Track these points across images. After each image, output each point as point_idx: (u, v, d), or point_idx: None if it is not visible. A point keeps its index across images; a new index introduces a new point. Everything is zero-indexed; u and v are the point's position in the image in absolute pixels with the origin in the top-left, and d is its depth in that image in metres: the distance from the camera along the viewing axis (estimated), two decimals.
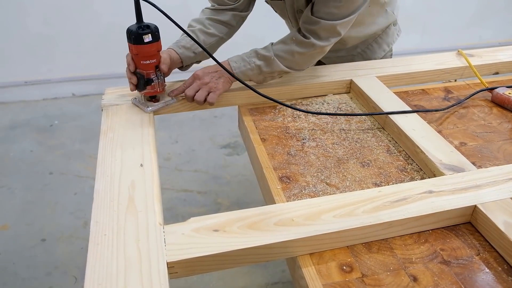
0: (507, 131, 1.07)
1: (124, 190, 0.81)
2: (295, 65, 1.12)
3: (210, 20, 1.21)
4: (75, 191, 2.19)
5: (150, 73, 1.04)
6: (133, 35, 0.98)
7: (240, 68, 1.10)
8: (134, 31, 0.98)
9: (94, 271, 0.66)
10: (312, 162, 0.96)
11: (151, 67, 1.03)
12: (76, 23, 2.88)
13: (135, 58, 1.02)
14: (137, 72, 1.04)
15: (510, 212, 0.75)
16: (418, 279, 0.68)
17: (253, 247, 0.69)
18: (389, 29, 1.39)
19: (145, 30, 0.98)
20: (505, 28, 3.68)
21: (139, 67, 1.03)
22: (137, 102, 1.10)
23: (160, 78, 1.06)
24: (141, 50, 1.00)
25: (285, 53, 1.10)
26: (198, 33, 1.19)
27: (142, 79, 1.03)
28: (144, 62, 1.02)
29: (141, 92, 1.07)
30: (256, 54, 1.10)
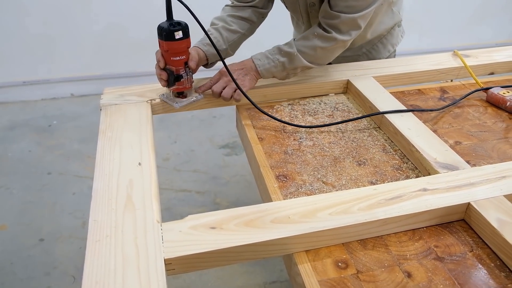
0: (501, 130, 1.08)
1: (122, 188, 0.82)
2: (317, 59, 1.14)
3: (231, 17, 1.23)
4: (73, 191, 2.20)
5: (179, 69, 1.06)
6: (165, 32, 1.00)
7: (264, 66, 1.12)
8: (165, 28, 1.00)
9: (92, 268, 0.66)
10: (308, 161, 0.97)
11: (181, 63, 1.06)
12: (75, 24, 2.89)
13: (165, 55, 1.05)
14: (166, 68, 1.06)
15: (503, 209, 0.76)
16: (412, 275, 0.69)
17: (249, 244, 0.70)
18: (394, 30, 1.40)
19: (176, 27, 1.00)
20: (503, 29, 3.69)
21: (169, 63, 1.05)
22: (165, 98, 1.13)
23: (188, 74, 1.09)
24: (172, 47, 1.02)
25: (307, 48, 1.11)
26: (221, 30, 1.20)
27: (171, 75, 1.06)
28: (174, 59, 1.04)
29: (170, 88, 1.10)
30: (279, 51, 1.12)
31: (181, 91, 1.12)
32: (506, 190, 0.80)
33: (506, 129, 1.09)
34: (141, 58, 3.10)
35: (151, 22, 2.96)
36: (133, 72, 3.12)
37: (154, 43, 3.07)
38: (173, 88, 1.10)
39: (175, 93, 1.12)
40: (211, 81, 1.14)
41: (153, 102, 1.12)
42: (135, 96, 1.13)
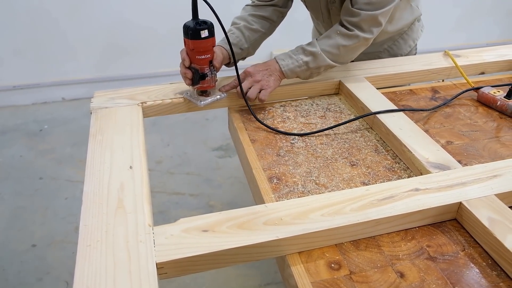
0: (492, 129, 1.09)
1: (113, 192, 0.81)
2: (340, 58, 1.14)
3: (252, 16, 1.25)
4: (66, 196, 2.18)
5: (204, 68, 1.07)
6: (191, 31, 1.01)
7: (288, 66, 1.12)
8: (191, 26, 1.01)
9: (83, 273, 0.66)
10: (301, 162, 0.97)
11: (206, 62, 1.06)
12: (65, 27, 2.88)
13: (190, 53, 1.05)
14: (191, 67, 1.07)
15: (494, 208, 0.76)
16: (405, 275, 0.69)
17: (242, 246, 0.70)
18: (414, 25, 1.41)
19: (202, 25, 1.01)
20: (493, 29, 3.72)
21: (194, 62, 1.06)
22: (189, 97, 1.14)
23: (213, 73, 1.10)
24: (198, 45, 1.03)
25: (330, 47, 1.12)
26: (243, 30, 1.22)
27: (196, 74, 1.06)
28: (199, 57, 1.05)
29: (194, 87, 1.11)
30: (303, 51, 1.13)
31: (204, 90, 1.13)
32: (497, 189, 0.81)
33: (497, 128, 1.09)
34: (132, 61, 3.10)
35: (142, 25, 2.97)
36: (125, 75, 3.11)
37: (146, 46, 3.08)
38: (197, 87, 1.11)
39: (198, 91, 1.13)
40: (235, 81, 1.15)
41: (144, 105, 1.11)
42: (126, 99, 1.12)
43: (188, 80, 1.08)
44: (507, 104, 1.14)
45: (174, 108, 1.15)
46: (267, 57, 3.25)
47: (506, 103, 1.14)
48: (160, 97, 1.14)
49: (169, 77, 3.18)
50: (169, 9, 2.96)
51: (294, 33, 3.14)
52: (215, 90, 1.15)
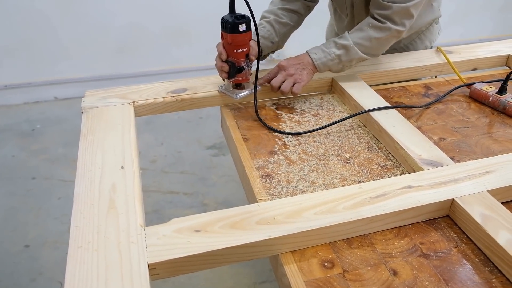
0: (485, 125, 1.09)
1: (104, 192, 0.81)
2: (372, 50, 1.15)
3: (282, 10, 1.25)
4: (59, 196, 2.17)
5: (241, 62, 1.08)
6: (229, 24, 1.02)
7: (321, 60, 1.13)
8: (230, 20, 1.02)
9: (74, 275, 0.65)
10: (294, 160, 0.96)
11: (242, 55, 1.07)
12: (57, 25, 2.85)
13: (228, 47, 1.06)
14: (228, 60, 1.08)
15: (487, 205, 0.76)
16: (398, 273, 0.69)
17: (234, 246, 0.69)
18: (432, 26, 1.42)
19: (240, 19, 1.02)
20: (485, 25, 3.74)
21: (231, 55, 1.07)
22: (224, 90, 1.15)
23: (249, 66, 1.11)
24: (236, 39, 1.04)
25: (362, 39, 1.13)
26: (273, 23, 1.23)
27: (233, 67, 1.08)
28: (236, 51, 1.06)
29: (230, 80, 1.11)
30: (335, 44, 1.14)
31: (239, 83, 1.14)
32: (489, 186, 0.81)
33: (489, 124, 1.10)
34: (125, 60, 3.08)
35: (134, 22, 2.95)
36: (118, 74, 3.09)
37: (138, 45, 3.06)
38: (233, 80, 1.12)
39: (233, 84, 1.14)
40: (269, 74, 1.16)
41: (135, 104, 1.10)
42: (118, 98, 1.12)
43: (225, 73, 1.10)
44: (499, 100, 1.14)
45: (166, 107, 1.14)
46: None
47: (498, 99, 1.14)
48: (152, 96, 1.13)
49: (161, 76, 3.17)
50: (162, 7, 2.95)
51: None
52: (249, 84, 1.16)
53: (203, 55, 3.20)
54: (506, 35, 3.71)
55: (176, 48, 3.13)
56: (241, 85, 1.14)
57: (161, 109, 1.14)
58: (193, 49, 3.15)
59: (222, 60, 1.08)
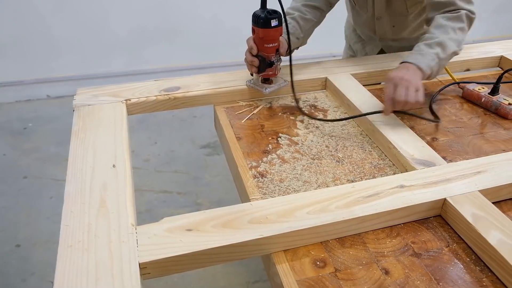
0: (477, 126, 1.09)
1: (95, 191, 0.80)
2: (457, 43, 1.11)
3: (305, 7, 1.27)
4: (51, 195, 2.15)
5: (271, 56, 1.10)
6: (262, 20, 1.04)
7: (424, 62, 1.05)
8: (262, 15, 1.04)
9: (64, 275, 0.65)
10: (287, 159, 0.96)
11: (273, 50, 1.09)
12: (49, 23, 2.83)
13: (259, 42, 1.08)
14: (258, 55, 1.09)
15: (478, 205, 0.76)
16: (390, 272, 0.69)
17: (226, 245, 0.69)
18: None
19: (272, 15, 1.04)
20: (479, 26, 3.75)
21: (262, 50, 1.09)
22: (252, 84, 1.17)
23: (279, 61, 1.13)
24: (267, 34, 1.06)
25: (447, 34, 1.09)
26: (298, 19, 1.23)
27: (263, 62, 1.09)
28: (267, 46, 1.08)
29: (260, 74, 1.13)
30: (428, 45, 1.07)
31: (267, 78, 1.15)
32: (481, 185, 0.81)
33: (482, 124, 1.10)
34: (119, 57, 3.06)
35: (128, 21, 2.94)
36: (111, 73, 3.08)
37: (132, 43, 3.04)
38: (263, 74, 1.13)
39: (262, 79, 1.16)
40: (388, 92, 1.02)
41: (128, 102, 1.10)
42: (110, 96, 1.11)
43: (255, 68, 1.11)
44: (491, 101, 1.15)
45: (159, 106, 1.13)
46: None
47: (490, 99, 1.15)
48: (144, 94, 1.12)
49: (155, 75, 3.16)
50: (156, 6, 2.94)
51: None
52: (277, 78, 1.18)
53: (197, 54, 3.20)
54: (499, 36, 3.73)
55: (170, 46, 3.12)
56: (269, 79, 1.16)
57: (154, 108, 1.13)
58: (187, 48, 3.14)
59: (252, 55, 1.10)
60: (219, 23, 3.11)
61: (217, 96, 1.17)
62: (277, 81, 1.17)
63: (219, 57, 3.21)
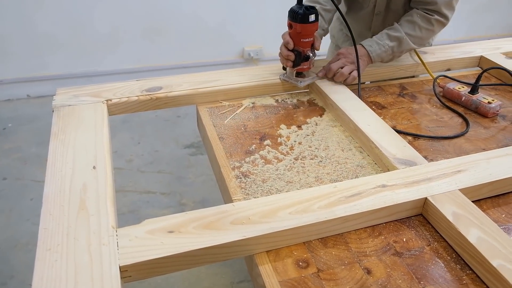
0: (458, 125, 1.11)
1: (75, 193, 0.79)
2: (421, 41, 1.24)
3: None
4: (31, 197, 2.12)
5: (307, 50, 1.13)
6: (300, 15, 1.07)
7: (376, 51, 1.21)
8: (300, 11, 1.07)
9: (42, 279, 0.63)
10: (270, 160, 0.96)
11: (309, 44, 1.12)
12: (29, 21, 2.78)
13: (296, 36, 1.11)
14: (294, 49, 1.13)
15: (458, 203, 0.77)
16: (372, 272, 0.69)
17: (208, 247, 0.68)
18: None
19: (310, 10, 1.07)
20: (460, 26, 3.81)
21: (299, 44, 1.12)
22: (286, 78, 1.20)
23: (314, 55, 1.16)
24: (305, 29, 1.09)
25: (413, 31, 1.21)
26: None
27: (299, 56, 1.13)
28: (304, 40, 1.11)
29: (295, 68, 1.17)
30: (388, 36, 1.22)
31: (299, 72, 1.19)
32: (461, 184, 0.82)
33: (462, 123, 1.11)
34: (100, 57, 3.03)
35: (109, 20, 2.90)
36: (93, 72, 3.04)
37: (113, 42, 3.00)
38: (298, 68, 1.16)
39: (296, 73, 1.19)
40: (329, 62, 1.21)
41: (109, 103, 1.08)
42: (90, 97, 1.09)
43: (290, 62, 1.14)
44: (471, 100, 1.16)
45: (140, 106, 1.12)
46: (239, 52, 3.24)
47: (470, 98, 1.16)
48: (126, 95, 1.11)
49: (136, 74, 3.12)
50: (137, 5, 2.91)
51: (265, 30, 3.14)
52: (309, 72, 1.21)
53: (180, 53, 3.18)
54: (479, 36, 3.79)
55: (152, 46, 3.09)
56: (302, 73, 1.20)
57: (136, 108, 1.12)
58: (169, 47, 3.12)
59: (288, 49, 1.12)
60: (201, 22, 3.09)
61: (200, 96, 1.16)
62: (309, 75, 1.21)
63: (202, 56, 3.20)
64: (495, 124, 1.12)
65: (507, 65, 1.32)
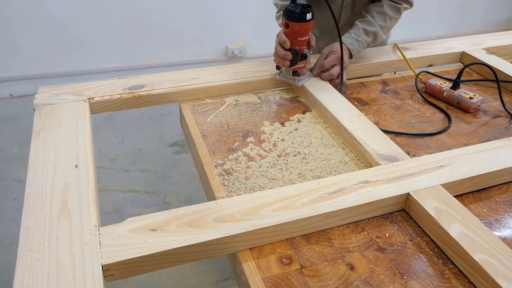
0: (440, 120, 1.12)
1: (57, 193, 0.78)
2: (388, 31, 1.28)
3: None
4: (14, 197, 2.09)
5: (303, 49, 1.13)
6: (297, 14, 1.06)
7: (357, 49, 1.23)
8: (298, 10, 1.06)
9: (23, 280, 0.62)
10: (253, 157, 0.96)
11: (305, 43, 1.12)
12: (11, 19, 2.74)
13: (292, 36, 1.10)
14: (291, 48, 1.12)
15: (440, 198, 0.78)
16: (355, 267, 0.70)
17: (191, 244, 0.68)
18: None
19: (307, 9, 1.07)
20: (441, 22, 3.85)
21: (295, 44, 1.11)
22: (282, 77, 1.20)
23: (310, 53, 1.16)
24: (302, 28, 1.08)
25: (384, 22, 1.24)
26: None
27: (296, 55, 1.12)
28: (300, 39, 1.10)
29: (292, 67, 1.16)
30: (365, 32, 1.23)
31: (295, 70, 1.19)
32: (443, 179, 0.83)
33: (444, 119, 1.13)
34: (82, 55, 2.99)
35: (91, 17, 2.87)
36: (75, 71, 3.00)
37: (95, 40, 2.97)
38: (295, 67, 1.16)
39: (291, 72, 1.19)
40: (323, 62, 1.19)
41: (91, 101, 1.07)
42: (72, 95, 1.08)
43: (287, 61, 1.13)
44: (453, 95, 1.18)
45: (123, 104, 1.11)
46: (222, 50, 3.23)
47: (452, 94, 1.18)
48: (108, 93, 1.10)
49: (119, 73, 3.09)
50: (119, 4, 2.88)
51: (247, 27, 3.13)
52: (304, 70, 1.21)
53: (162, 52, 3.16)
54: (461, 32, 3.84)
55: (135, 44, 3.07)
56: (297, 72, 1.20)
57: (118, 106, 1.11)
58: (152, 46, 3.10)
59: (285, 49, 1.11)
60: (184, 20, 3.07)
61: (182, 94, 1.15)
62: (304, 73, 1.21)
63: (185, 55, 3.18)
64: (476, 119, 1.13)
65: (488, 60, 1.34)
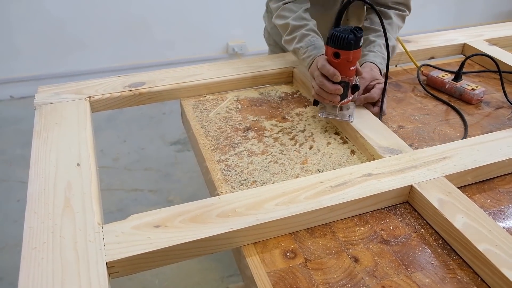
0: (442, 112, 1.11)
1: (60, 191, 0.78)
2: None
3: (305, 12, 1.14)
4: (18, 198, 2.09)
5: (353, 79, 0.96)
6: (352, 41, 0.89)
7: (382, 66, 1.10)
8: (351, 36, 0.88)
9: (28, 278, 0.62)
10: (255, 152, 0.96)
11: (354, 72, 0.95)
12: (11, 20, 2.74)
13: (343, 66, 0.93)
14: (342, 81, 0.94)
15: (443, 190, 0.78)
16: (359, 260, 0.69)
17: (195, 240, 0.68)
18: None
19: (360, 32, 0.90)
20: (443, 16, 3.84)
21: (346, 74, 0.94)
22: (332, 116, 1.01)
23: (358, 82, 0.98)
24: (356, 55, 0.92)
25: (396, 33, 1.20)
26: (314, 28, 1.13)
27: (347, 87, 0.96)
28: (351, 68, 0.93)
29: (342, 102, 0.97)
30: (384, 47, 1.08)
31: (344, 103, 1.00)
32: (446, 171, 0.82)
33: (446, 111, 1.12)
34: (84, 55, 2.99)
35: (91, 17, 2.87)
36: (77, 71, 3.00)
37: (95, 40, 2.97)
38: (346, 101, 0.98)
39: (338, 107, 1.00)
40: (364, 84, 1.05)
41: (91, 99, 1.07)
42: (72, 94, 1.08)
43: (338, 97, 0.96)
44: (455, 87, 1.17)
45: (124, 102, 1.11)
46: (223, 48, 3.22)
47: (454, 85, 1.17)
48: (108, 91, 1.10)
49: (119, 72, 3.08)
50: (119, 2, 2.88)
51: (247, 24, 3.12)
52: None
53: (163, 50, 3.16)
54: (462, 25, 3.82)
55: (135, 43, 3.06)
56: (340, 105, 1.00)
57: (119, 104, 1.11)
58: (152, 44, 3.10)
59: (334, 83, 0.95)
60: (185, 18, 3.07)
61: (183, 90, 1.15)
62: (348, 106, 1.02)
63: (186, 52, 3.18)
64: (479, 110, 1.13)
65: (490, 51, 1.33)
